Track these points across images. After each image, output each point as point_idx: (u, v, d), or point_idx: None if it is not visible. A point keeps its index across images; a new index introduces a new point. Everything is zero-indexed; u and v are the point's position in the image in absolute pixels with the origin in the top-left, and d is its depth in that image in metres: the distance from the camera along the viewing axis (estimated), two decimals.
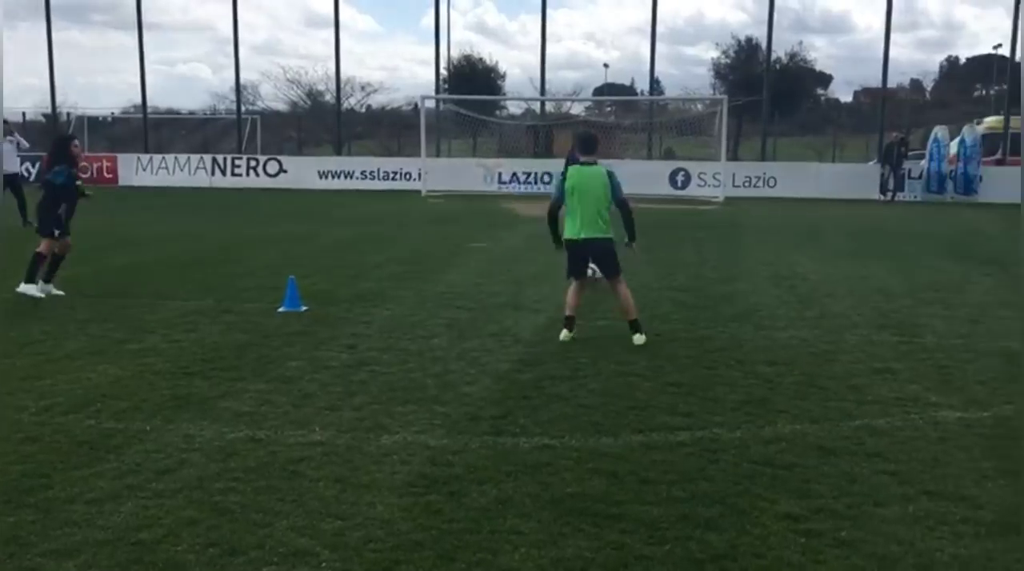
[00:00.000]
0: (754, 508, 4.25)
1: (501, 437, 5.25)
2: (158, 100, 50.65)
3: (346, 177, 28.67)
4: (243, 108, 34.71)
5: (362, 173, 28.74)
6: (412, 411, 5.73)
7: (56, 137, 11.90)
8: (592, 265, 8.08)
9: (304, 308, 8.86)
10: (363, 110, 47.60)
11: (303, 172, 28.88)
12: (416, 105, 29.36)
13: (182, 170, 29.33)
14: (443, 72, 36.50)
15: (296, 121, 44.90)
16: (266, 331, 7.96)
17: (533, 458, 4.90)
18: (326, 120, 38.71)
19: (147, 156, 30.14)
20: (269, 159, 29.68)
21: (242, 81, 33.36)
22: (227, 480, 4.57)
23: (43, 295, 9.37)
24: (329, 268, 11.65)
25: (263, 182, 28.45)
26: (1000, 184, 26.04)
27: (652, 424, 5.49)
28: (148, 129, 33.21)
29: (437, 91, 32.50)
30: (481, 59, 46.50)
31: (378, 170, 28.82)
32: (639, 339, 7.59)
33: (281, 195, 25.41)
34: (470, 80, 41.63)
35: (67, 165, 9.70)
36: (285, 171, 29.02)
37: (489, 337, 7.82)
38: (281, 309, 8.83)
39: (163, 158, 30.02)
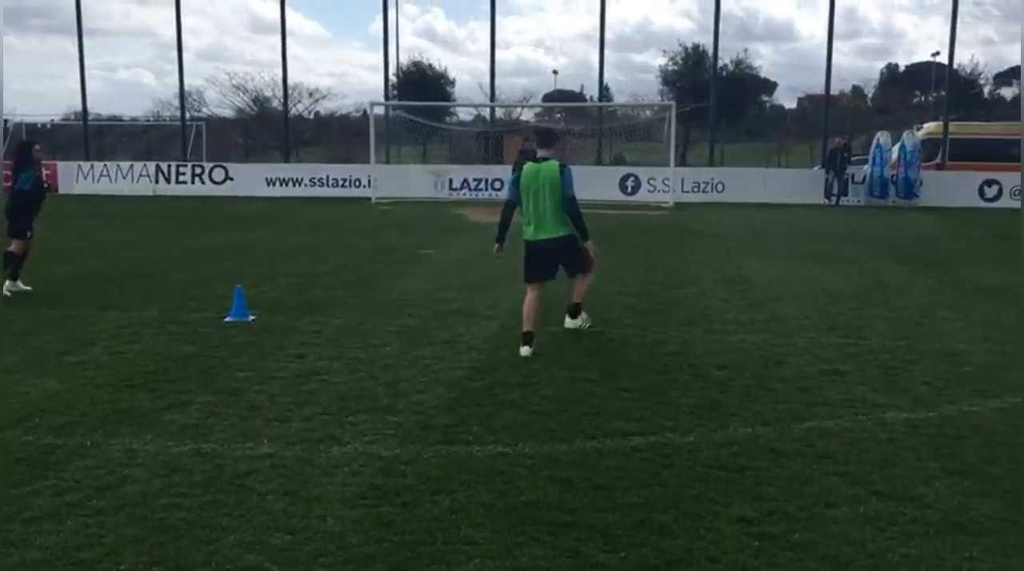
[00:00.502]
0: (708, 512, 4.26)
1: (454, 446, 5.19)
2: (99, 106, 49.57)
3: (294, 184, 28.34)
4: (188, 114, 34.14)
5: (311, 180, 28.42)
6: (363, 421, 5.65)
7: (18, 143, 12.19)
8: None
9: (252, 317, 8.70)
10: (311, 116, 47.22)
11: (250, 179, 28.47)
12: (365, 111, 29.13)
13: (125, 178, 28.72)
14: (392, 78, 36.35)
15: (243, 127, 44.35)
16: (212, 341, 7.79)
17: (487, 466, 4.85)
18: (274, 126, 38.25)
19: (88, 163, 29.46)
20: (215, 166, 29.21)
21: (187, 87, 32.80)
22: (171, 496, 4.45)
23: (9, 294, 9.85)
24: (277, 276, 11.48)
25: (209, 190, 27.98)
26: (940, 188, 26.69)
27: (606, 430, 5.48)
28: (89, 136, 32.48)
29: (386, 97, 32.30)
30: (431, 65, 46.49)
31: (327, 177, 28.53)
32: (570, 323, 8.04)
33: (228, 203, 25.01)
34: (420, 86, 41.51)
35: (32, 170, 10.24)
36: (231, 178, 28.58)
37: (441, 344, 7.75)
38: (228, 319, 8.66)
39: (105, 165, 29.35)
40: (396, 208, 23.66)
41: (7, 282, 9.88)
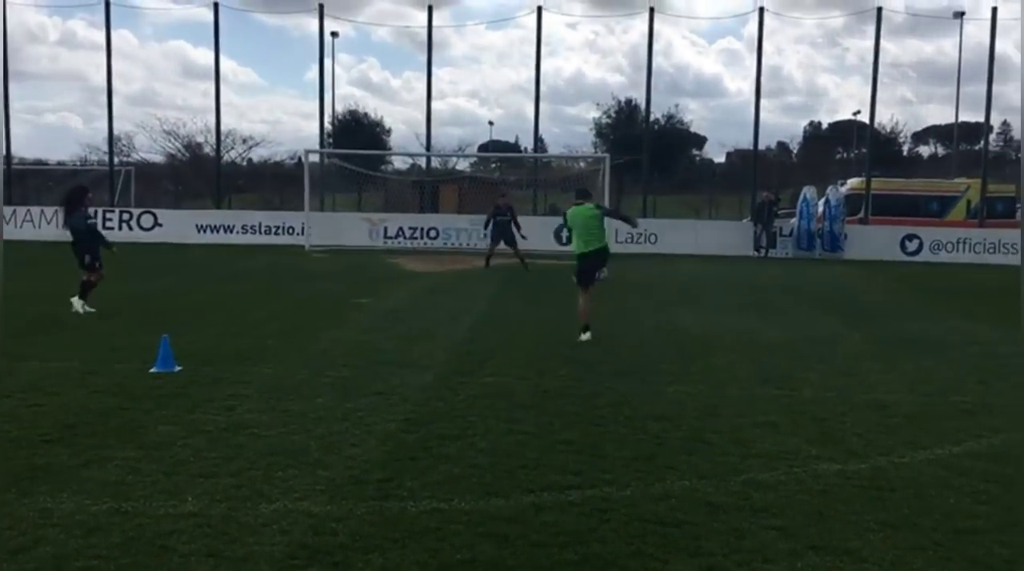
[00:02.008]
0: (646, 569, 4.20)
1: (388, 501, 5.05)
2: (24, 150, 48.32)
3: (226, 231, 27.90)
4: (116, 159, 33.50)
5: (243, 227, 28.04)
6: (293, 476, 5.47)
7: (74, 187, 13.60)
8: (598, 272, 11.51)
9: (178, 368, 8.43)
10: (244, 163, 46.74)
11: (180, 226, 27.96)
12: (300, 158, 28.93)
13: (49, 223, 27.86)
14: (327, 126, 36.33)
15: (173, 173, 43.65)
16: (136, 394, 7.51)
17: (421, 523, 4.72)
18: (206, 173, 37.74)
19: (10, 209, 28.60)
20: (143, 212, 28.63)
21: (116, 132, 32.27)
22: (88, 558, 4.21)
23: (81, 312, 11.96)
24: (206, 326, 11.19)
25: (137, 236, 27.35)
26: (863, 242, 27.54)
27: (543, 483, 5.40)
28: (12, 180, 31.59)
29: (322, 144, 32.20)
30: (366, 114, 46.54)
31: (260, 224, 28.19)
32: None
33: (156, 249, 24.45)
34: (355, 134, 41.51)
35: (84, 210, 12.34)
36: (161, 225, 28.03)
37: (375, 396, 7.60)
38: (153, 370, 8.38)
39: (28, 210, 28.55)
40: (330, 256, 23.44)
41: (78, 301, 12.03)
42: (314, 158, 30.29)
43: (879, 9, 29.49)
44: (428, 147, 32.12)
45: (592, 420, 6.96)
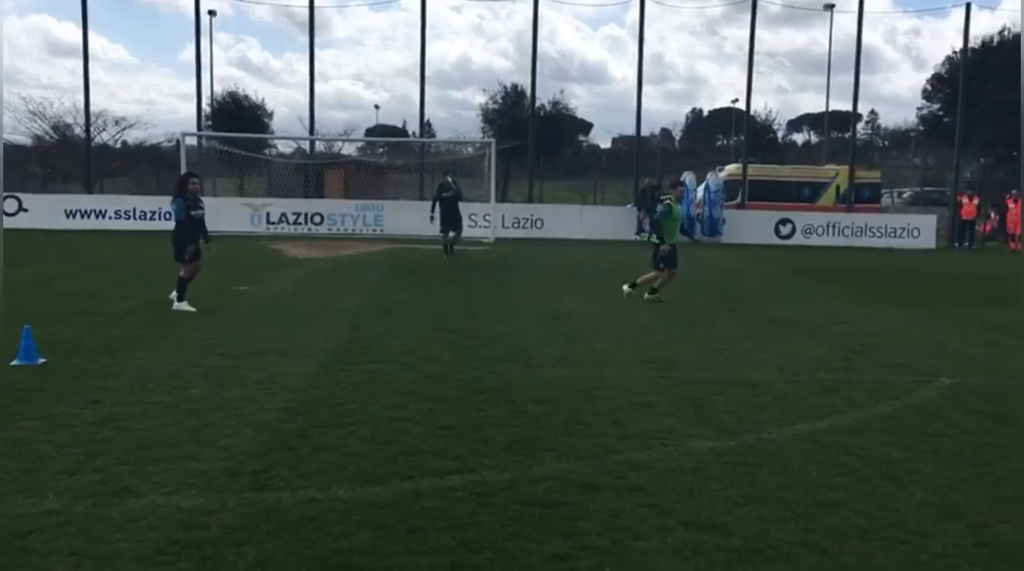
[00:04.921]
0: (523, 551, 4.25)
1: (263, 493, 4.95)
2: None
3: (98, 216, 26.72)
4: None
5: (116, 212, 26.91)
6: (164, 470, 5.29)
7: (181, 176, 13.00)
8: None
9: (42, 360, 8.03)
10: (118, 146, 44.74)
11: (47, 211, 26.60)
12: (177, 141, 27.86)
13: None
14: (206, 108, 35.12)
15: (40, 156, 41.40)
16: None
17: (297, 513, 4.64)
18: (75, 155, 35.91)
19: None
20: (7, 197, 27.06)
21: None
22: None
23: (193, 309, 11.21)
24: (73, 315, 10.69)
25: None
26: (740, 226, 28.53)
27: (422, 469, 5.39)
28: None
29: (199, 127, 31.14)
30: (246, 96, 45.12)
31: (134, 210, 27.10)
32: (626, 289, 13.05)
33: (20, 236, 23.13)
34: (235, 117, 40.21)
35: (181, 200, 11.43)
36: (25, 210, 26.60)
37: (253, 385, 7.42)
38: (14, 363, 7.95)
39: None
40: (209, 242, 22.68)
41: (176, 302, 11.34)
42: (192, 141, 29.28)
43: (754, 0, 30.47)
44: (312, 131, 31.47)
45: (474, 405, 6.98)
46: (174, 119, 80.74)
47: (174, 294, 11.50)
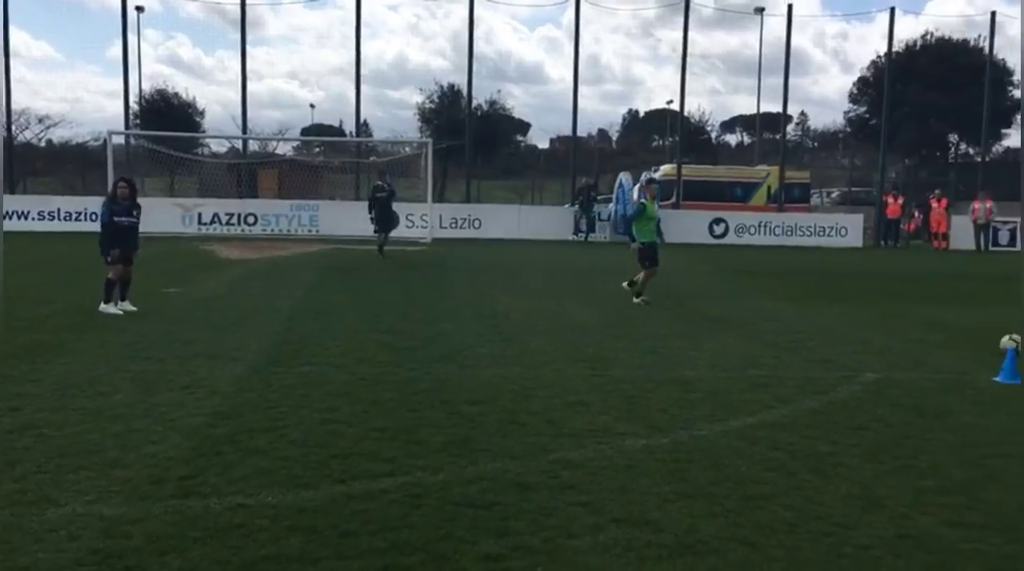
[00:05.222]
0: (455, 552, 4.22)
1: (189, 500, 4.83)
2: None
3: (20, 217, 25.86)
4: None
5: (40, 213, 26.12)
6: (86, 478, 5.13)
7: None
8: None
9: None
10: (42, 145, 43.43)
11: None
12: (104, 140, 27.14)
13: None
14: (134, 106, 34.33)
15: None
16: None
17: (224, 520, 4.54)
18: None
19: None
20: None
21: None
22: None
23: (120, 312, 10.97)
24: None
25: None
26: (675, 226, 28.76)
27: (355, 472, 5.33)
28: None
29: (127, 126, 30.40)
30: (177, 94, 44.20)
31: (59, 210, 26.34)
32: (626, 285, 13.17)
33: None
34: (165, 115, 39.34)
35: (109, 204, 11.30)
36: None
37: (181, 390, 7.26)
38: None
39: None
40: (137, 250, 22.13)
41: (103, 304, 11.08)
42: (119, 140, 28.54)
43: (687, 2, 30.89)
44: (245, 130, 30.94)
45: (408, 406, 6.93)
46: (101, 117, 78.74)
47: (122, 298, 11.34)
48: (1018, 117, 42.98)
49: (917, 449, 6.10)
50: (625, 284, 13.68)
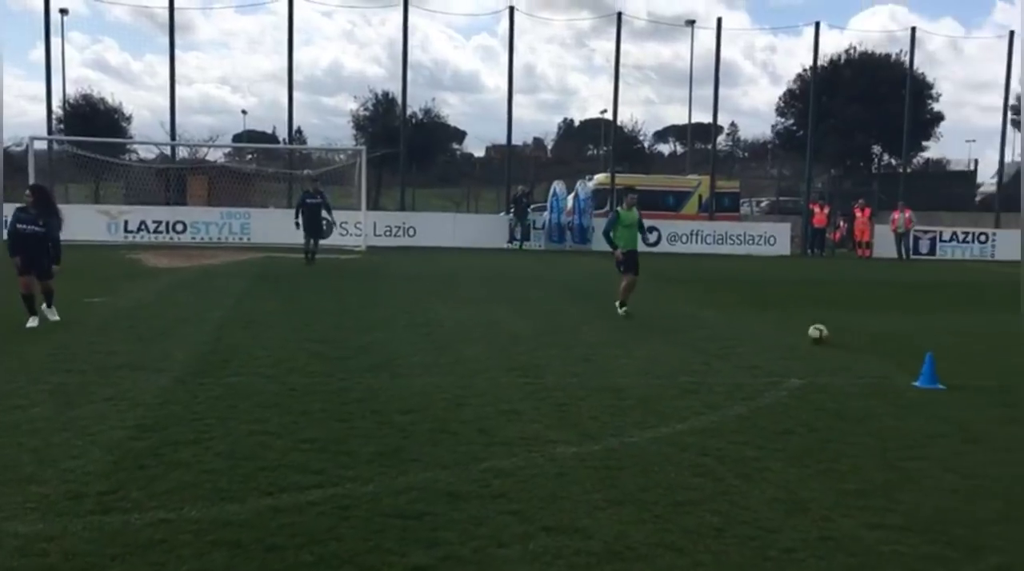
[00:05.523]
0: (384, 564, 4.18)
1: (109, 515, 4.69)
2: None
3: None
4: None
5: None
6: (1, 495, 4.95)
7: None
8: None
9: None
10: None
11: None
12: (26, 146, 26.32)
13: None
14: (57, 110, 33.41)
15: None
16: None
17: (146, 536, 4.42)
18: None
19: None
20: None
21: None
22: None
23: (35, 324, 10.58)
24: None
25: None
26: None
27: (282, 485, 5.24)
28: None
29: (50, 131, 29.55)
30: (103, 99, 43.14)
31: None
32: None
33: None
34: (90, 121, 38.35)
35: (16, 210, 11.02)
36: None
37: (103, 402, 7.05)
38: None
39: None
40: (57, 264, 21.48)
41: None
42: (41, 145, 27.71)
43: (619, 14, 31.32)
44: (173, 135, 30.33)
45: (339, 416, 6.85)
46: (23, 122, 76.47)
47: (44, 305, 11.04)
48: (937, 130, 44.57)
49: (839, 453, 6.25)
50: (618, 304, 13.23)
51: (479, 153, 61.72)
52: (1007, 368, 9.75)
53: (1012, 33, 33.04)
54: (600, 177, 34.23)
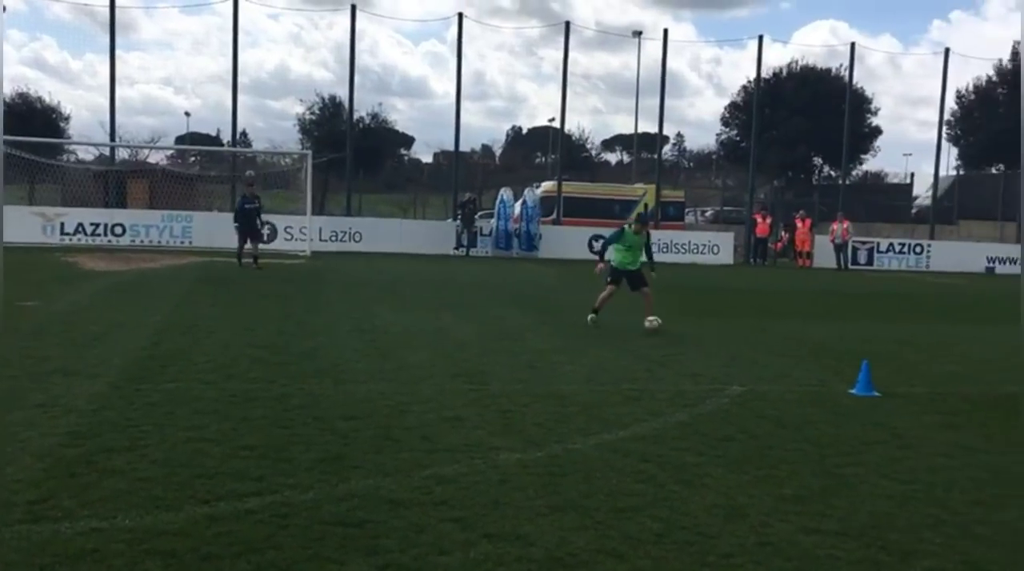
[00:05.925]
0: None
1: (38, 525, 4.56)
2: None
3: None
4: None
5: None
6: None
7: None
8: None
9: None
10: None
11: None
12: None
13: None
14: None
15: None
16: None
17: (76, 546, 4.30)
18: None
19: None
20: None
21: None
22: None
23: None
24: None
25: None
26: (556, 241, 29.29)
27: (219, 493, 5.14)
28: None
29: None
30: (40, 98, 42.09)
31: None
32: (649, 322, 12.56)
33: None
34: (25, 120, 37.32)
35: None
36: None
37: (34, 408, 6.85)
38: None
39: None
40: None
41: None
42: None
43: (567, 23, 31.51)
44: (113, 136, 29.70)
45: (280, 423, 6.75)
46: None
47: None
48: (876, 143, 45.65)
49: (778, 459, 6.34)
50: (593, 312, 13.04)
51: (427, 159, 61.65)
52: (941, 375, 10.01)
53: (947, 51, 34.04)
54: (547, 185, 34.39)
